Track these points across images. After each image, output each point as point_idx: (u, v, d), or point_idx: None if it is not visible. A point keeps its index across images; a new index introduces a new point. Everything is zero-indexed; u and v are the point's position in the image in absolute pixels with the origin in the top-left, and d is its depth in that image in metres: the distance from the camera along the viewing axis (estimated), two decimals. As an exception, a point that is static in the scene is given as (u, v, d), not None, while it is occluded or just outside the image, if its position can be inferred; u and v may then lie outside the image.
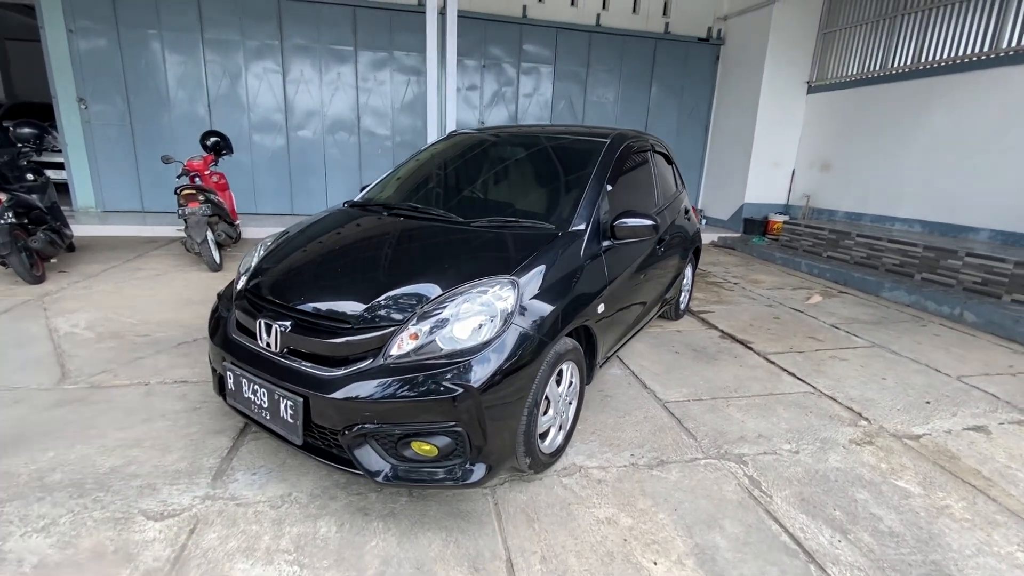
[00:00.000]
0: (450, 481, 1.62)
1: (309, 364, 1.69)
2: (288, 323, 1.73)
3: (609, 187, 2.44)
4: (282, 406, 1.68)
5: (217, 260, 4.78)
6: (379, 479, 1.60)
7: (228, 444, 2.14)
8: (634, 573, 1.59)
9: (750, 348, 3.55)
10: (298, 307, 1.79)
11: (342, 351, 1.66)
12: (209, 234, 4.64)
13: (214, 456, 2.05)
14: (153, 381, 2.65)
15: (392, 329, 1.64)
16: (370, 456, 1.62)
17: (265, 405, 1.74)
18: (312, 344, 1.70)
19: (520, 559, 1.62)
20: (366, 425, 1.57)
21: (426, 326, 1.64)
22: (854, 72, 7.10)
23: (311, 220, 2.54)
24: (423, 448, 1.61)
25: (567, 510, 1.86)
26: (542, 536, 1.73)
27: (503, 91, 7.94)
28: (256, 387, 1.76)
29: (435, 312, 1.66)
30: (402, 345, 1.62)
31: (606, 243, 2.29)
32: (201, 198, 4.64)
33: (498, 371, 1.62)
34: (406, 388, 1.55)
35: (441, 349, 1.61)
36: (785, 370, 3.21)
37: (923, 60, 6.25)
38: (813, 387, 2.99)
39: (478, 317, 1.66)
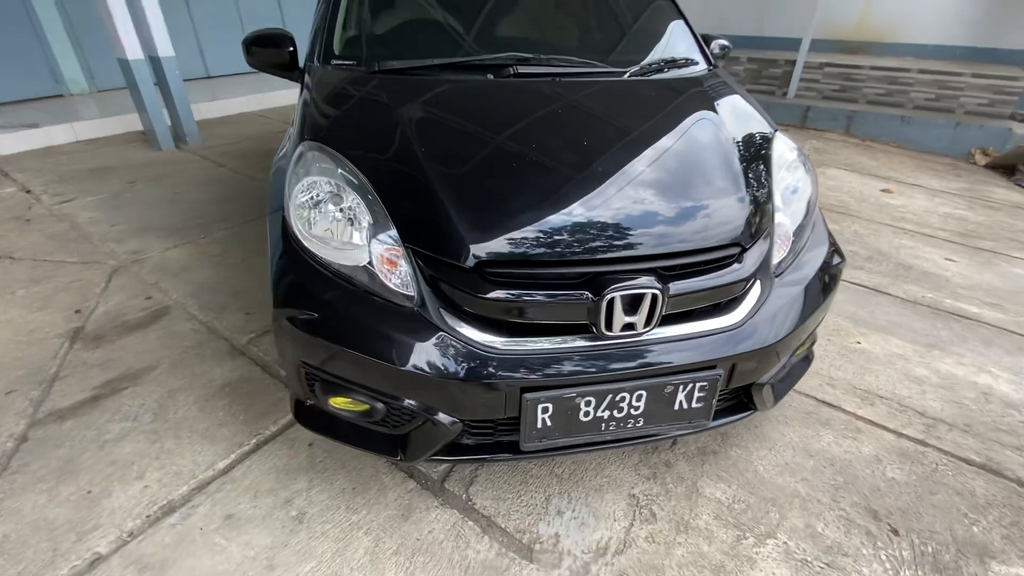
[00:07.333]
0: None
1: (696, 323, 1.29)
2: (650, 279, 1.19)
3: None
4: (679, 396, 1.27)
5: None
6: (769, 406, 1.51)
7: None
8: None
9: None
10: (655, 252, 1.24)
11: (734, 286, 1.31)
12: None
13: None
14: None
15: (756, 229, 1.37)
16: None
17: (638, 411, 1.27)
18: (698, 294, 1.26)
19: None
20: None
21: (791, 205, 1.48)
22: None
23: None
24: None
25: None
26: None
27: None
28: (613, 396, 1.24)
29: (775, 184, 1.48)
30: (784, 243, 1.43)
31: None
32: None
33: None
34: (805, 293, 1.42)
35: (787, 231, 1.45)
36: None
37: None
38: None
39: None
